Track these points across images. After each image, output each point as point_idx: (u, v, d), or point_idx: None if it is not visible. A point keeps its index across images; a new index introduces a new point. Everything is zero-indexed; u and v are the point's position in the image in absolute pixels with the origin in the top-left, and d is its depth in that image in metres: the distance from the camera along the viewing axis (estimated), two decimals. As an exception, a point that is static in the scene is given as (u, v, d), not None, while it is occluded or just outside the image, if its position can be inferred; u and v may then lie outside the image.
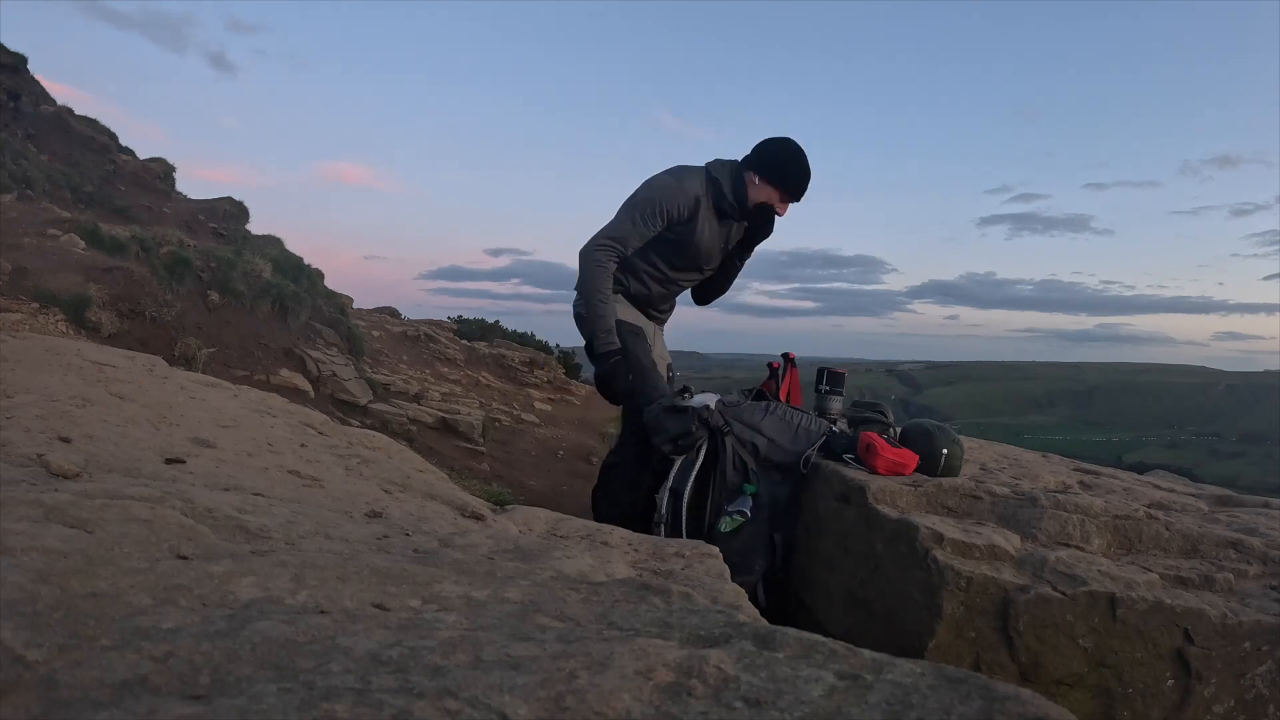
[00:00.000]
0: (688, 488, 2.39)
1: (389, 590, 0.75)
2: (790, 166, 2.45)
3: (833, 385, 2.65)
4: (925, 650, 1.57)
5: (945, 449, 2.15)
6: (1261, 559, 1.72)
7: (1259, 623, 1.49)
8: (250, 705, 0.46)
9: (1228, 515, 2.07)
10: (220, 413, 1.79)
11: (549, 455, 5.16)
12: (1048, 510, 1.81)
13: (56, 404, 1.43)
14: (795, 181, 2.46)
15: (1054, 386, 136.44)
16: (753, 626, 0.69)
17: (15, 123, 8.74)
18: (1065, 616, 1.50)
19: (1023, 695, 0.52)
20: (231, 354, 4.36)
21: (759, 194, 2.45)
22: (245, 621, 0.60)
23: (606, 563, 1.12)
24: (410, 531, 1.16)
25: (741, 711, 0.51)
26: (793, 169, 2.45)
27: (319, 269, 6.72)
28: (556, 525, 1.42)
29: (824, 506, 2.16)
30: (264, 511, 1.03)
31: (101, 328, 3.80)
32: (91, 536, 0.76)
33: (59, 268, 4.18)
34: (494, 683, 0.52)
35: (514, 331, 10.39)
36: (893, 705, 0.52)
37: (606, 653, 0.58)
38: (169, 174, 10.07)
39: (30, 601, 0.58)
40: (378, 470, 1.65)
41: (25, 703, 0.45)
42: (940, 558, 1.61)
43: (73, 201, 7.27)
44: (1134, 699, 1.51)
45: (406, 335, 7.85)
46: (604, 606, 0.77)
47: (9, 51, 9.23)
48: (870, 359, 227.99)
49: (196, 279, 4.71)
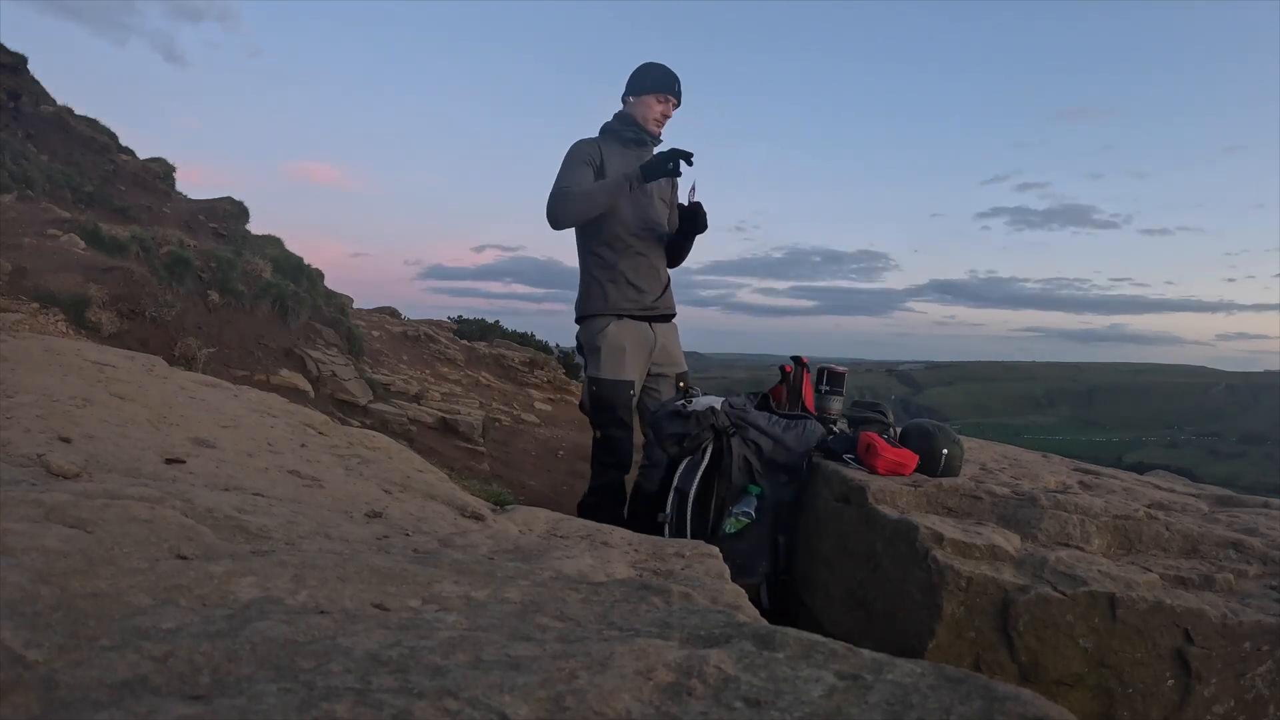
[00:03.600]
0: (693, 488, 2.39)
1: (389, 590, 0.75)
2: (649, 71, 2.71)
3: (833, 385, 2.65)
4: (925, 650, 1.57)
5: (945, 449, 2.15)
6: (1261, 559, 1.72)
7: (1259, 623, 1.49)
8: (250, 705, 0.46)
9: (1228, 515, 2.07)
10: (220, 413, 1.79)
11: (549, 455, 5.16)
12: (1048, 510, 1.81)
13: (56, 404, 1.43)
14: (657, 78, 2.70)
15: (1054, 386, 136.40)
16: (753, 626, 0.69)
17: (15, 123, 8.73)
18: (1065, 616, 1.50)
19: (1023, 695, 0.52)
20: (231, 354, 4.36)
21: (639, 108, 2.70)
22: (245, 621, 0.60)
23: (606, 563, 1.12)
24: (410, 532, 1.16)
25: (741, 711, 0.51)
26: (652, 71, 2.71)
27: (319, 269, 6.72)
28: (556, 525, 1.42)
29: (824, 506, 2.16)
30: (264, 511, 1.03)
31: (101, 328, 3.80)
32: (91, 536, 0.76)
33: (59, 268, 4.18)
34: (494, 683, 0.52)
35: (514, 331, 10.38)
36: (893, 705, 0.52)
37: (606, 653, 0.58)
38: (169, 174, 10.07)
39: (30, 601, 0.58)
40: (378, 470, 1.65)
41: (25, 703, 0.45)
42: (940, 558, 1.61)
43: (73, 201, 7.27)
44: (1134, 699, 1.51)
45: (406, 335, 7.85)
46: (604, 606, 0.77)
47: (9, 51, 9.23)
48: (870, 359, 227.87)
49: (196, 279, 4.71)
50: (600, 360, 2.62)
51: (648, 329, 2.71)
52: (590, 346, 2.66)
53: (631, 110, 2.71)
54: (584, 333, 2.70)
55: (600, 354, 2.62)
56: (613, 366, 2.61)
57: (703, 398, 2.58)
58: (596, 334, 2.64)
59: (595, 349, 2.63)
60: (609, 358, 2.61)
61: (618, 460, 2.61)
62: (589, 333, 2.67)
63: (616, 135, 2.71)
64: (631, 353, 2.63)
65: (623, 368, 2.62)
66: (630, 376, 2.63)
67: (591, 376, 2.64)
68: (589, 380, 2.66)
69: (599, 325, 2.64)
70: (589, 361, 2.68)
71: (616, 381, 2.60)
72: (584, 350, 2.73)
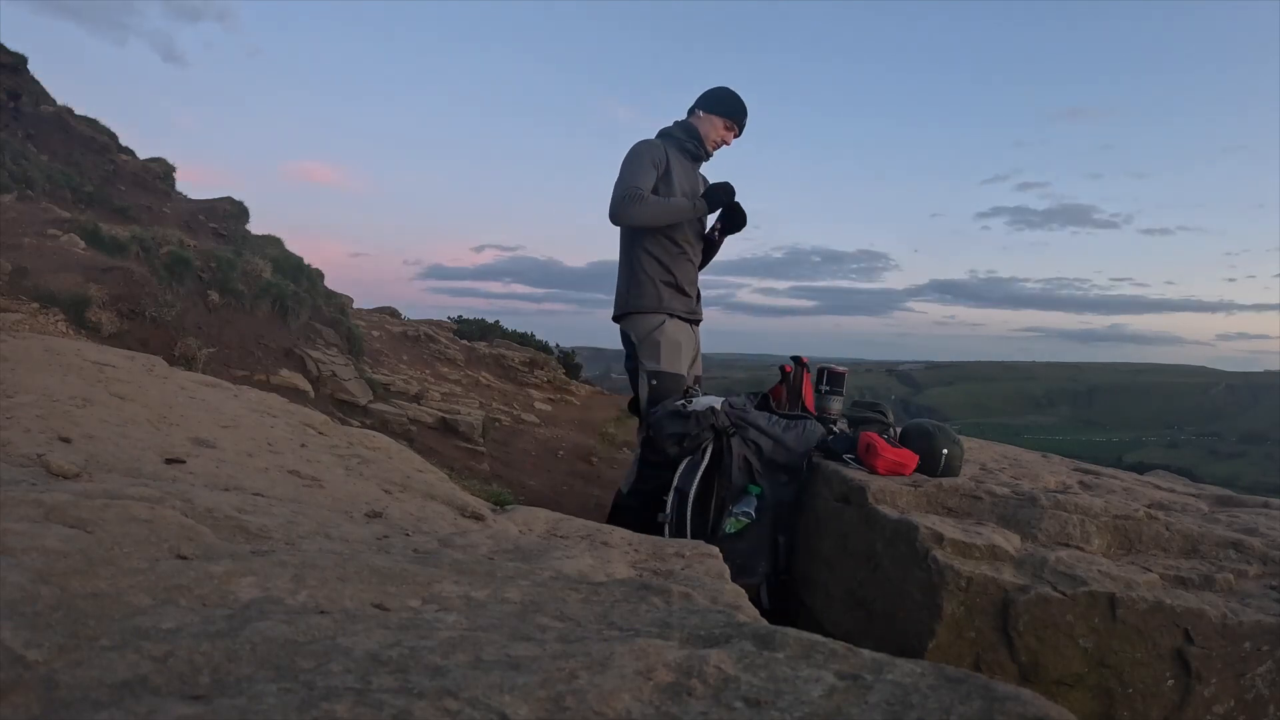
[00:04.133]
0: (693, 488, 2.39)
1: (389, 590, 0.75)
2: (728, 97, 2.81)
3: (833, 385, 2.65)
4: (925, 650, 1.57)
5: (945, 449, 2.15)
6: (1261, 559, 1.72)
7: (1259, 623, 1.49)
8: (250, 705, 0.46)
9: (1228, 515, 2.07)
10: (220, 413, 1.79)
11: (549, 455, 5.16)
12: (1048, 510, 1.81)
13: (56, 404, 1.43)
14: (733, 106, 2.80)
15: (1054, 386, 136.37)
16: (753, 626, 0.69)
17: (15, 123, 8.74)
18: (1065, 616, 1.50)
19: (1023, 695, 0.52)
20: (231, 354, 4.36)
21: (706, 125, 2.79)
22: (245, 621, 0.60)
23: (606, 563, 1.12)
24: (410, 531, 1.16)
25: (741, 711, 0.51)
26: (730, 98, 2.81)
27: (319, 269, 6.72)
28: (556, 525, 1.42)
29: (824, 506, 2.16)
30: (264, 511, 1.03)
31: (101, 328, 3.80)
32: (91, 536, 0.76)
33: (59, 268, 4.18)
34: (494, 683, 0.52)
35: (514, 331, 10.38)
36: (893, 705, 0.52)
37: (606, 653, 0.58)
38: (169, 174, 10.07)
39: (30, 601, 0.58)
40: (378, 470, 1.65)
41: (25, 703, 0.45)
42: (940, 558, 1.60)
43: (73, 201, 7.27)
44: (1134, 699, 1.51)
45: (406, 335, 7.85)
46: (604, 606, 0.77)
47: (9, 51, 9.23)
48: (870, 359, 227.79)
49: (196, 279, 4.71)
50: (661, 353, 2.61)
51: (691, 331, 2.74)
52: (648, 340, 2.63)
53: (698, 124, 2.78)
54: (636, 326, 2.67)
55: (660, 347, 2.61)
56: (672, 360, 2.61)
57: (703, 398, 2.58)
58: (655, 329, 2.63)
59: (655, 343, 2.62)
60: (669, 352, 2.61)
61: (666, 460, 2.54)
62: (644, 327, 2.65)
63: (679, 145, 2.77)
64: (686, 350, 2.67)
65: (680, 363, 2.63)
66: (685, 372, 2.65)
67: (652, 370, 2.60)
68: (649, 374, 2.61)
69: (655, 321, 2.64)
70: (645, 355, 2.63)
71: (677, 375, 2.60)
72: (635, 343, 2.68)
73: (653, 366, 2.61)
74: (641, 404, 2.64)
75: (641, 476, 2.57)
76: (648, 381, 2.61)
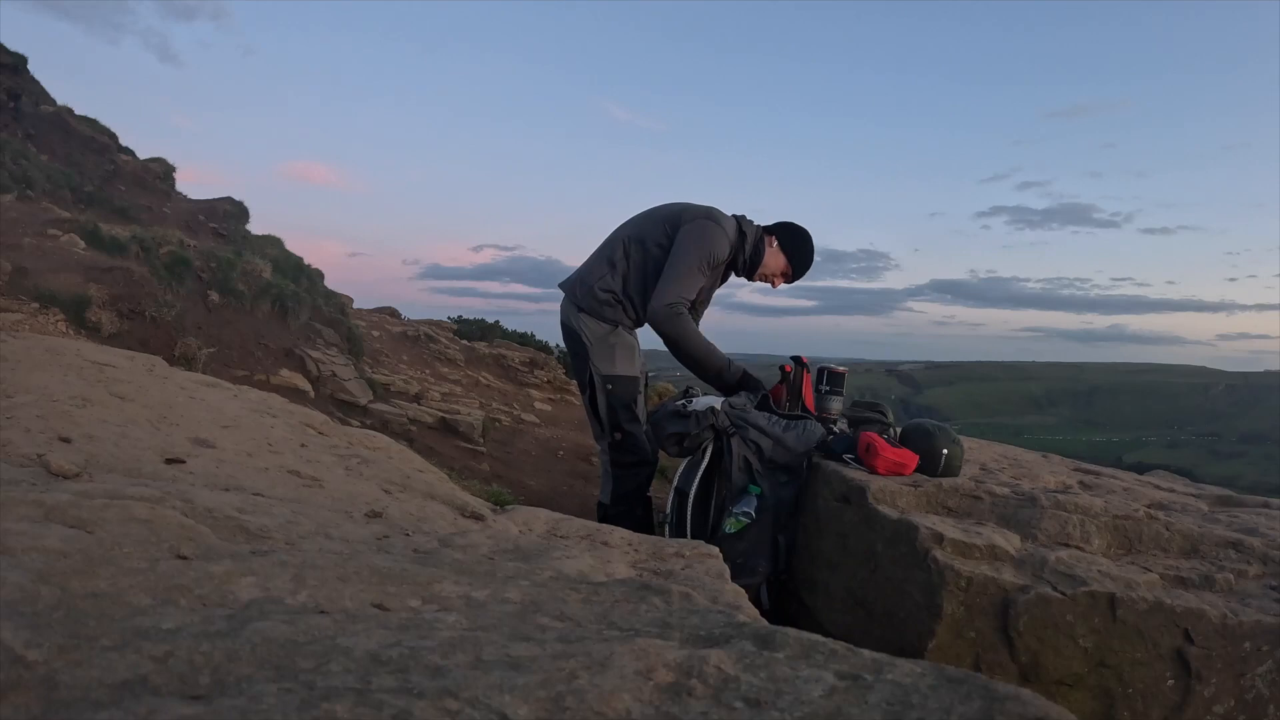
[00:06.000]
0: (693, 488, 2.39)
1: (389, 590, 0.75)
2: (805, 245, 2.73)
3: (833, 385, 2.65)
4: (925, 650, 1.57)
5: (945, 449, 2.15)
6: (1261, 559, 1.72)
7: (1259, 623, 1.49)
8: (250, 705, 0.46)
9: (1228, 515, 2.07)
10: (220, 413, 1.79)
11: (549, 455, 5.15)
12: (1048, 510, 1.81)
13: (56, 404, 1.43)
14: (803, 258, 2.74)
15: (1054, 386, 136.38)
16: (753, 626, 0.69)
17: (15, 123, 8.74)
18: (1065, 616, 1.50)
19: (1023, 695, 0.52)
20: (231, 354, 4.36)
21: (772, 258, 2.71)
22: (245, 621, 0.60)
23: (606, 563, 1.12)
24: (410, 532, 1.16)
25: (741, 711, 0.51)
26: (806, 248, 2.74)
27: (319, 269, 6.72)
28: (556, 525, 1.42)
29: (824, 506, 2.16)
30: (264, 511, 1.03)
31: (101, 328, 3.81)
32: (91, 536, 0.76)
33: (59, 268, 4.18)
34: (494, 683, 0.52)
35: (514, 331, 10.37)
36: (893, 705, 0.52)
37: (606, 653, 0.58)
38: (169, 174, 10.07)
39: (30, 601, 0.58)
40: (378, 470, 1.65)
41: (25, 703, 0.45)
42: (940, 558, 1.61)
43: (73, 201, 7.27)
44: (1134, 699, 1.51)
45: (406, 335, 7.85)
46: (604, 607, 0.77)
47: (9, 51, 9.23)
48: (870, 359, 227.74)
49: (196, 279, 4.71)
50: (615, 356, 2.59)
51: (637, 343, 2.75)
52: (603, 343, 2.61)
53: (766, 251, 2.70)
54: (592, 326, 2.64)
55: (615, 350, 2.59)
56: (627, 364, 2.60)
57: (703, 398, 2.58)
58: (609, 333, 2.61)
59: (610, 345, 2.60)
60: (623, 355, 2.60)
61: (640, 458, 2.56)
62: (599, 329, 2.62)
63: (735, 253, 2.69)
64: (637, 351, 2.66)
65: (634, 365, 2.62)
66: (639, 374, 2.64)
67: (607, 375, 2.59)
68: (605, 379, 2.59)
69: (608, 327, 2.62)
70: (599, 359, 2.61)
71: (633, 378, 2.59)
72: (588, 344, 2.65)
73: (608, 370, 2.59)
74: (601, 410, 2.61)
75: (619, 480, 2.59)
76: (604, 386, 2.59)
